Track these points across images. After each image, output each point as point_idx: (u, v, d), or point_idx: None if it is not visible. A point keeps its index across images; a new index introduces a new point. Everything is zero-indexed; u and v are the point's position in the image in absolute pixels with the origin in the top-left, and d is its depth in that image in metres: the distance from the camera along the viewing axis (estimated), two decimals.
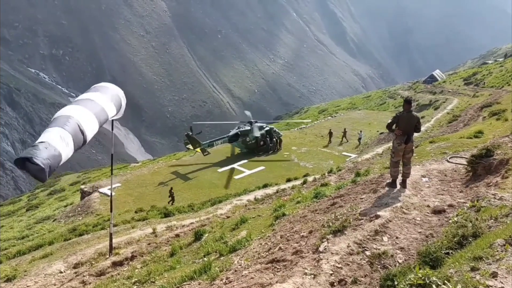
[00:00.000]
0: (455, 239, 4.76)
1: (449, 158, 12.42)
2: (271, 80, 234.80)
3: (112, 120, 10.44)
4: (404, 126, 8.39)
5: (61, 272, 11.03)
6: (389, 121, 8.65)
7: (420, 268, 4.35)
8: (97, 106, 8.39)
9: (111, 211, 11.97)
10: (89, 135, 7.79)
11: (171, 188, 29.58)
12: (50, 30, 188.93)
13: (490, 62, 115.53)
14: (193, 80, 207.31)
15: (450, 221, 6.10)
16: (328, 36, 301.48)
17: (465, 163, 10.47)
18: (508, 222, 4.88)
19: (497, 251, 3.95)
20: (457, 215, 6.14)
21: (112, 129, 11.10)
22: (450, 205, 7.48)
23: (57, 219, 30.12)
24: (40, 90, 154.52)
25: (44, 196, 48.03)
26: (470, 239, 4.68)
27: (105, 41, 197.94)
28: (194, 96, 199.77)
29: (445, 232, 5.37)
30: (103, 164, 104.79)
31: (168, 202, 28.44)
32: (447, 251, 4.75)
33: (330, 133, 43.69)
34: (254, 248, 8.13)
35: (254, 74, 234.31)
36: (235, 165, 36.82)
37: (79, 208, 29.74)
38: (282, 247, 7.05)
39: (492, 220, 5.05)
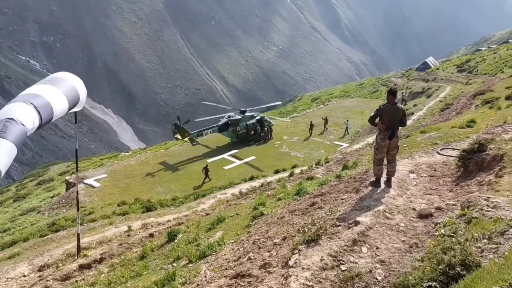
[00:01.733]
0: (440, 267, 3.90)
1: (440, 150, 11.82)
2: (265, 67, 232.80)
3: (75, 113, 9.63)
4: (388, 120, 7.57)
5: (24, 276, 10.31)
6: (372, 114, 7.84)
7: None
8: (42, 100, 7.52)
9: (77, 210, 11.20)
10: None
11: (207, 165, 30.47)
12: (40, 17, 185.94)
13: (483, 48, 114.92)
14: (187, 67, 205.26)
15: (437, 232, 5.35)
16: (323, 23, 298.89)
17: (456, 156, 9.79)
18: (502, 242, 4.10)
19: None
20: (444, 226, 5.39)
21: (76, 122, 10.31)
22: (438, 208, 6.78)
23: (41, 211, 29.42)
24: (31, 77, 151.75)
25: (32, 186, 47.13)
26: (458, 269, 3.82)
27: (96, 28, 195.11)
28: (188, 83, 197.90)
29: (429, 250, 4.59)
30: (96, 153, 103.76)
31: (204, 180, 29.44)
32: (429, 283, 3.91)
33: (311, 125, 42.59)
34: (224, 255, 7.47)
35: (248, 62, 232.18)
36: (225, 155, 36.09)
37: (63, 200, 29.05)
38: (252, 257, 6.35)
39: (485, 240, 4.21)
